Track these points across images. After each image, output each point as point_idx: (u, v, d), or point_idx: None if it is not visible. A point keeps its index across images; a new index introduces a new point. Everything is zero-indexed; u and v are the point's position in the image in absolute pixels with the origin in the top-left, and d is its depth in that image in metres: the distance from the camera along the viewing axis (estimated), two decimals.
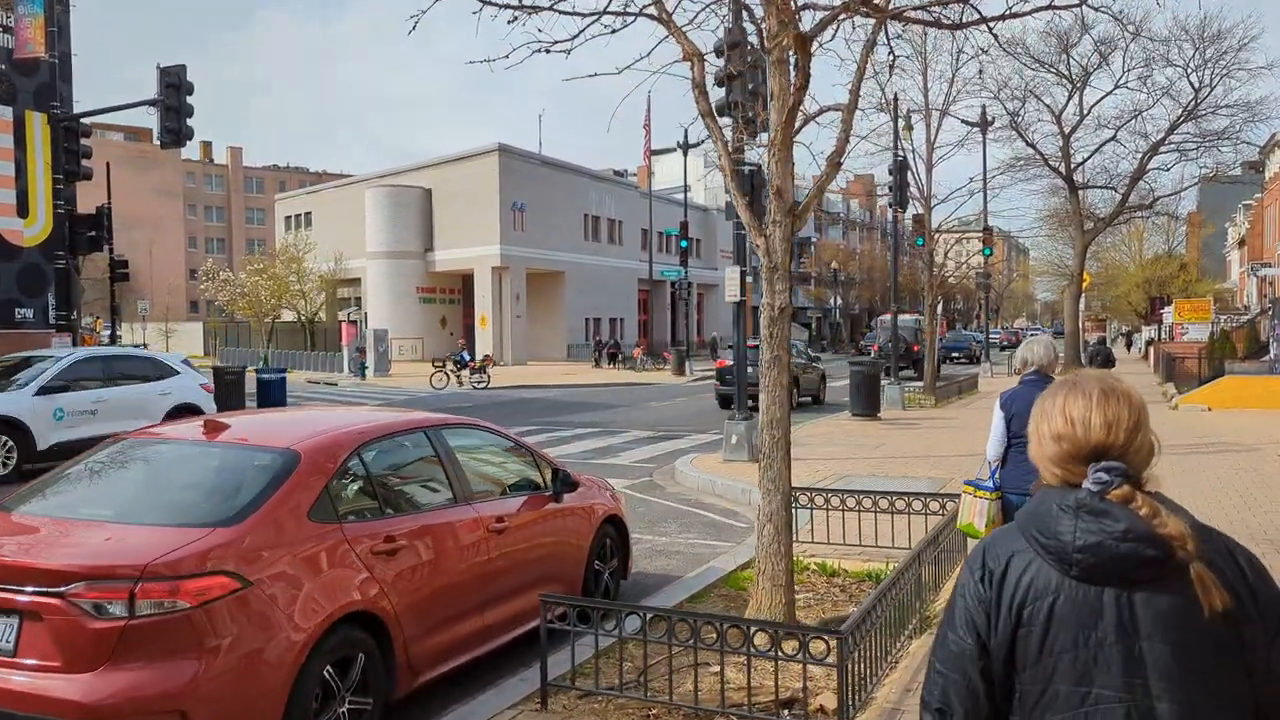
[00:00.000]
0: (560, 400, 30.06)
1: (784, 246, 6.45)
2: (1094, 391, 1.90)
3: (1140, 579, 1.75)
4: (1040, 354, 6.24)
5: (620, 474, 14.56)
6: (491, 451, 6.65)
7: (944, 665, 1.90)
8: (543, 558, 6.35)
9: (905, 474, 13.36)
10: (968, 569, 1.93)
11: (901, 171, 24.05)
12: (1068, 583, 1.78)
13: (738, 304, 14.67)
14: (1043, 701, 1.80)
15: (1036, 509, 1.87)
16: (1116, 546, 1.74)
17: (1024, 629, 1.81)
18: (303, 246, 62.26)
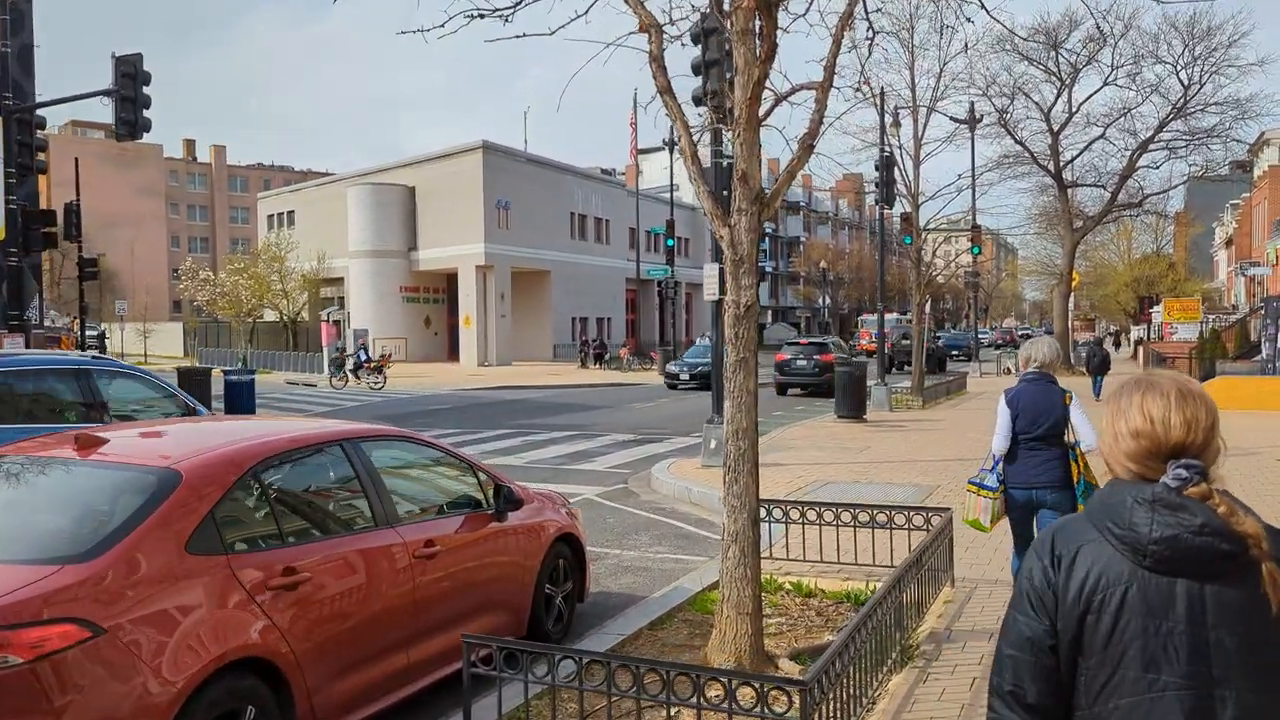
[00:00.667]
0: (542, 402, 29.41)
1: (750, 238, 5.82)
2: (1172, 392, 1.95)
3: (1213, 573, 1.81)
4: (1045, 353, 6.33)
5: (594, 480, 13.94)
6: (423, 467, 6.00)
7: (1014, 648, 1.95)
8: (482, 584, 5.71)
9: (890, 480, 12.75)
10: (1035, 555, 1.98)
11: (888, 168, 23.47)
12: (1140, 573, 1.84)
13: (717, 303, 14.03)
14: (1109, 687, 1.85)
15: (1109, 500, 1.92)
16: (1192, 540, 1.80)
17: (1092, 616, 1.86)
18: (284, 246, 61.51)
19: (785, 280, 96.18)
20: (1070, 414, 6.11)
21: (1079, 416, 6.10)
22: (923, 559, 6.31)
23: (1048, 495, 6.09)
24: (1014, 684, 1.94)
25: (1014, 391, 6.31)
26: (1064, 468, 6.08)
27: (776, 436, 18.66)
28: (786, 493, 11.72)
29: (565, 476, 14.37)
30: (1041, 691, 1.91)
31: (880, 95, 23.48)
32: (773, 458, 15.15)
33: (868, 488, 12.13)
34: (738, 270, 5.83)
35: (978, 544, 8.88)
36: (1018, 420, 6.17)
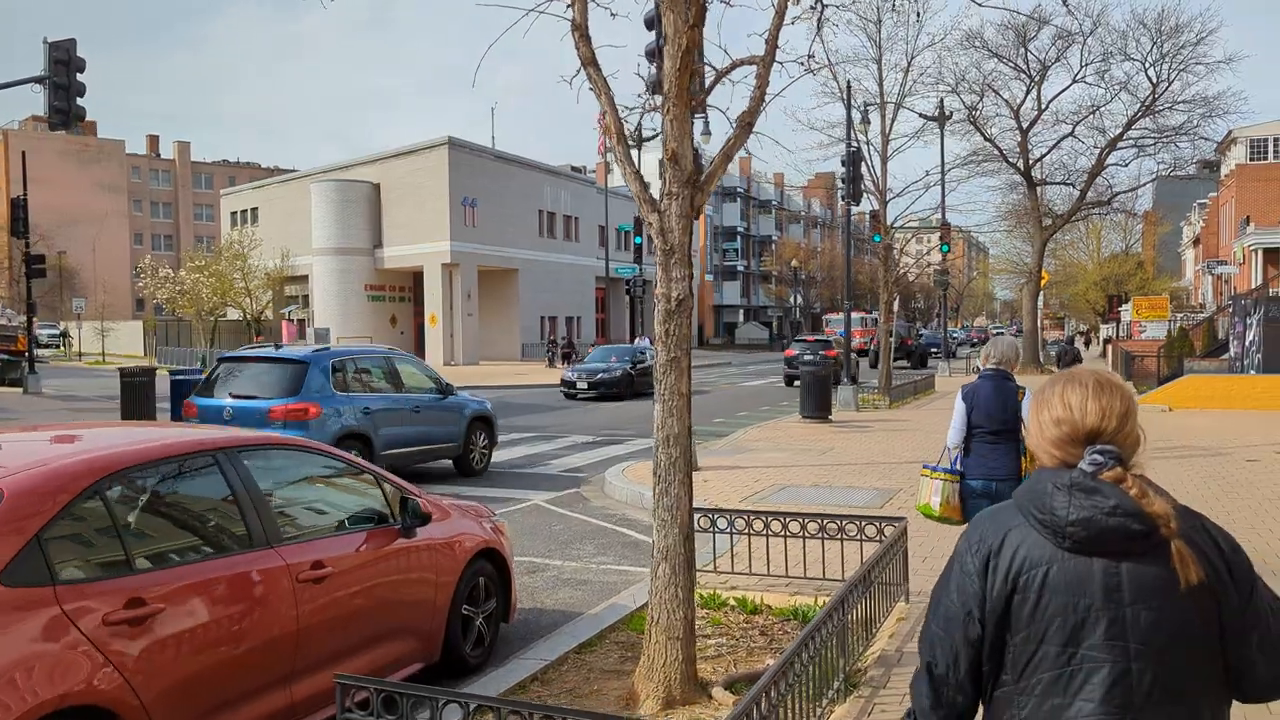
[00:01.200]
0: (504, 402, 28.78)
1: (682, 225, 5.31)
2: (1090, 383, 2.09)
3: (1127, 552, 1.93)
4: (1004, 351, 6.55)
5: (546, 485, 13.39)
6: (318, 479, 5.43)
7: (937, 624, 2.09)
8: (385, 608, 5.16)
9: (851, 484, 12.28)
10: (965, 540, 2.09)
11: (855, 164, 23.05)
12: (1060, 554, 1.96)
13: None
14: (1033, 661, 1.96)
15: (1033, 487, 2.03)
16: (1105, 520, 1.91)
17: (1018, 595, 1.97)
18: (248, 243, 60.48)
19: (757, 279, 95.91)
20: (1024, 410, 6.23)
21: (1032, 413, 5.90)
22: (870, 575, 5.82)
23: (1004, 487, 6.20)
24: (930, 656, 2.08)
25: (971, 386, 6.48)
26: (1016, 461, 6.27)
27: (739, 438, 18.19)
28: (742, 498, 11.23)
29: (517, 481, 13.81)
30: (949, 666, 2.05)
31: (847, 89, 23.06)
32: (733, 460, 14.68)
33: (827, 491, 11.66)
34: (668, 261, 5.31)
35: (937, 552, 8.42)
36: (974, 414, 6.35)
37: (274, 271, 60.52)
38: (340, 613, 4.78)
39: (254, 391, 11.99)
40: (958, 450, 6.42)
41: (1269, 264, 45.97)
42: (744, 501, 11.00)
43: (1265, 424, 18.48)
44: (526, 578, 8.38)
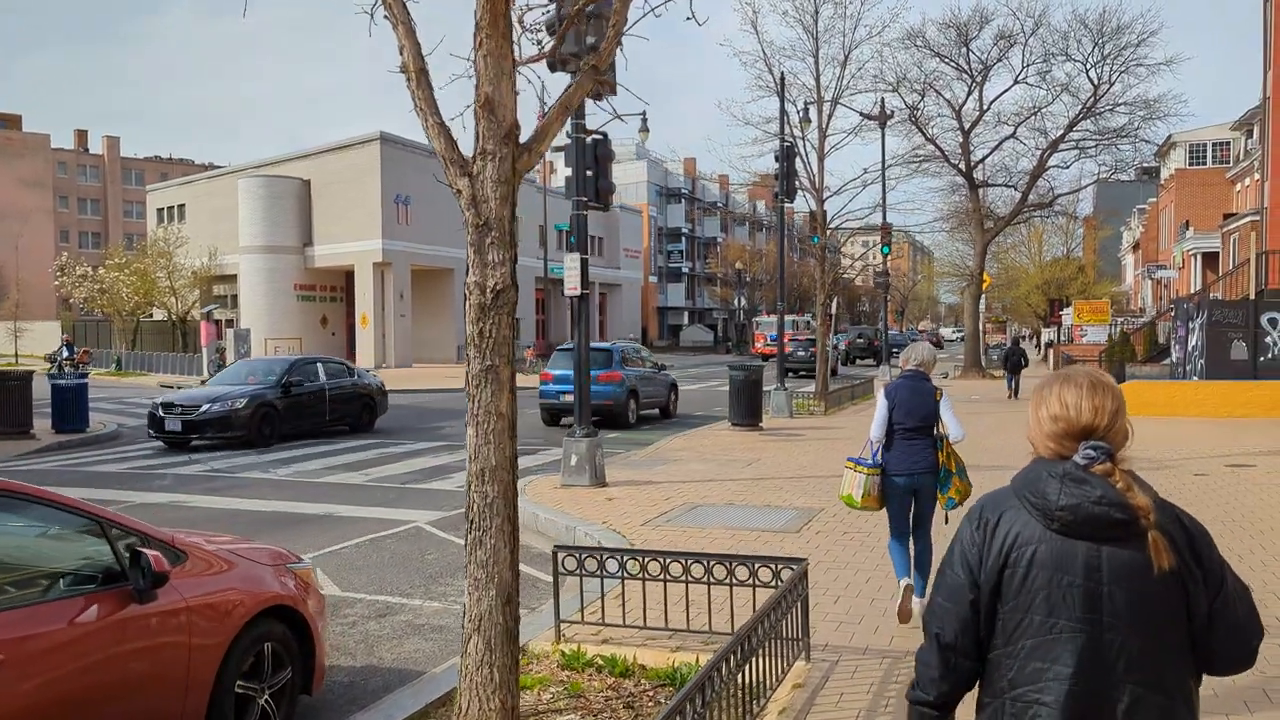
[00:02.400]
0: (425, 408, 27.42)
1: (501, 193, 4.10)
2: (1084, 383, 2.30)
3: (1108, 537, 2.14)
4: (922, 355, 7.03)
5: (437, 502, 12.10)
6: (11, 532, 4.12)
7: (944, 598, 2.29)
8: (106, 697, 3.89)
9: (771, 502, 11.15)
10: (966, 520, 2.33)
11: (788, 159, 22.02)
12: (1049, 535, 2.17)
13: (578, 299, 12.32)
14: (1020, 628, 2.18)
15: (1028, 475, 2.26)
16: (1092, 509, 2.14)
17: (1009, 570, 2.20)
18: (173, 241, 58.22)
19: (702, 281, 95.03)
20: (940, 409, 6.70)
21: (947, 412, 6.72)
22: (755, 634, 4.65)
23: (923, 480, 6.68)
24: (939, 626, 2.28)
25: (893, 386, 6.86)
26: (932, 455, 6.69)
27: (663, 446, 17.05)
28: (645, 520, 10.05)
29: (406, 498, 12.51)
30: (957, 634, 2.25)
31: (780, 81, 22.02)
32: (649, 473, 13.52)
33: (743, 512, 10.52)
34: (483, 241, 4.11)
35: (853, 589, 7.30)
36: (895, 411, 6.68)
37: (201, 270, 58.34)
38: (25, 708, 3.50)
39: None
40: (879, 443, 6.75)
41: (1208, 268, 45.94)
42: (646, 524, 9.82)
43: (1210, 433, 17.73)
44: (373, 623, 7.13)
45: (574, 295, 12.20)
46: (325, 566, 8.64)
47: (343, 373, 21.31)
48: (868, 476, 6.74)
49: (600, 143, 12.17)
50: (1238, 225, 38.24)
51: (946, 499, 6.70)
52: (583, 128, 11.96)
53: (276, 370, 19.86)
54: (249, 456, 16.46)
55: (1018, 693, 2.18)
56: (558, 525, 10.03)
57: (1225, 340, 21.54)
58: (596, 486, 12.01)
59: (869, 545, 8.75)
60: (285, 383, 19.16)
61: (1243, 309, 22.13)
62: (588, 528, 9.60)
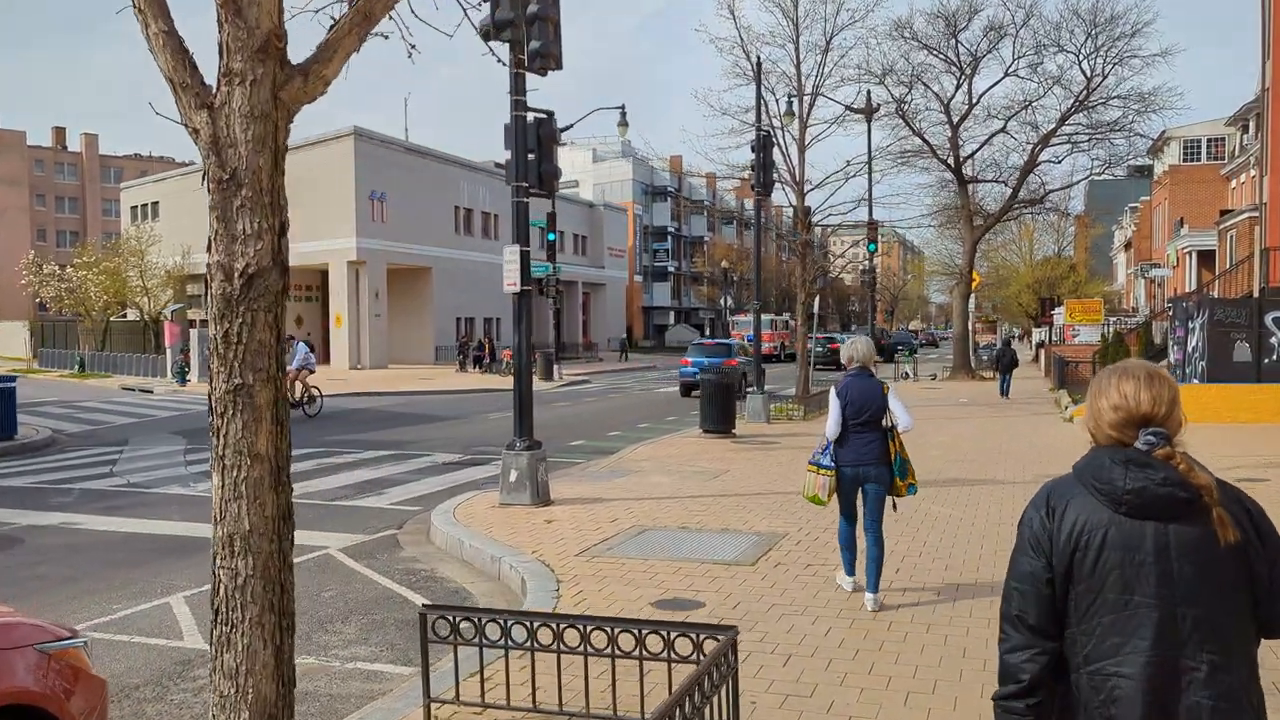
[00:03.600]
0: (386, 412, 26.12)
1: (255, 132, 2.84)
2: (1141, 374, 2.41)
3: (1174, 515, 2.26)
4: (863, 352, 7.15)
5: (361, 524, 10.84)
6: None
7: (1019, 581, 2.39)
8: None
9: (729, 524, 9.91)
10: (1034, 507, 2.42)
11: (765, 149, 20.79)
12: (1117, 518, 2.29)
13: (518, 296, 11.08)
14: (1094, 606, 2.30)
15: (1092, 463, 2.36)
16: (1157, 490, 2.25)
17: (1079, 553, 2.31)
18: (146, 239, 56.77)
19: (688, 281, 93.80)
20: (889, 402, 6.93)
21: (896, 404, 6.96)
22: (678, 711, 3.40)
23: (871, 470, 6.90)
24: (1019, 609, 2.36)
25: (843, 384, 7.04)
26: (884, 447, 6.93)
27: (626, 455, 15.84)
28: (584, 548, 8.81)
29: (328, 518, 11.24)
30: (1039, 614, 2.35)
31: (757, 66, 20.78)
32: (605, 487, 12.29)
33: (695, 537, 9.28)
34: (228, 203, 2.85)
35: (805, 648, 6.06)
36: (847, 408, 6.90)
37: (175, 269, 56.92)
38: None
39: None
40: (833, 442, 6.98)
41: (1204, 267, 44.85)
42: (583, 554, 8.57)
43: (1215, 441, 16.55)
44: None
45: (513, 291, 10.94)
46: (199, 608, 7.38)
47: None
48: (830, 479, 6.98)
49: (544, 122, 10.92)
50: (1235, 222, 37.13)
51: (908, 485, 7.01)
52: (523, 105, 10.71)
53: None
54: (175, 469, 15.17)
55: (1096, 666, 2.30)
56: (483, 555, 8.77)
57: (1228, 341, 20.37)
58: (539, 505, 10.76)
59: (834, 583, 7.52)
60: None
61: (1246, 308, 20.96)
62: (515, 559, 8.35)
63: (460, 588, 8.17)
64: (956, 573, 7.92)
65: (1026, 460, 14.99)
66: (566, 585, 7.47)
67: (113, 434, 20.36)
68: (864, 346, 7.17)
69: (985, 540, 9.09)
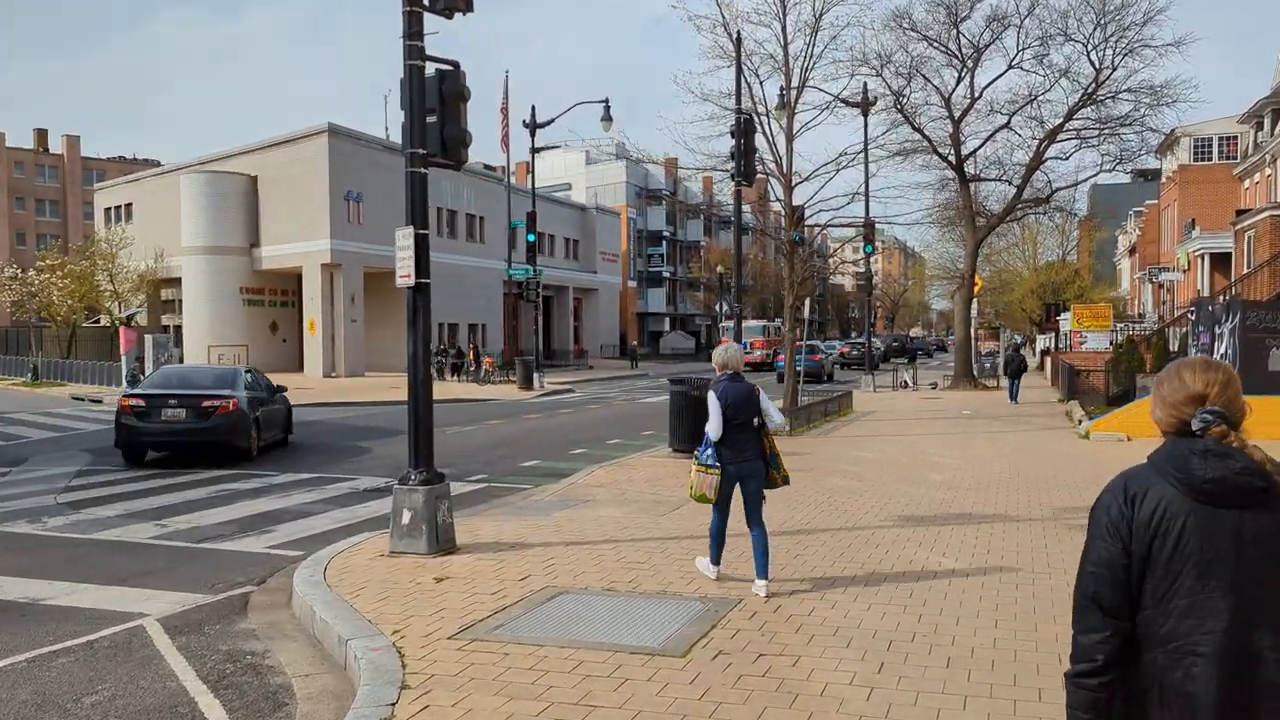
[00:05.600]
0: (336, 425, 23.98)
1: None
2: (1198, 363, 2.59)
3: (1250, 503, 2.38)
4: (731, 358, 7.67)
5: (214, 575, 8.67)
6: None
7: (1095, 566, 2.49)
8: None
9: (669, 583, 7.73)
10: (1111, 495, 2.52)
11: (746, 134, 18.64)
12: (1196, 505, 2.39)
13: (413, 292, 8.94)
14: (1173, 589, 2.39)
15: (1171, 453, 2.47)
16: (1236, 479, 2.37)
17: (1158, 540, 2.41)
18: (116, 241, 54.69)
19: (684, 286, 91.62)
20: (761, 402, 7.50)
21: (769, 404, 7.58)
22: None
23: (752, 466, 7.45)
24: (1095, 590, 2.46)
25: (721, 388, 7.43)
26: (760, 444, 7.51)
27: (579, 480, 13.71)
28: (467, 623, 6.64)
29: (182, 566, 9.07)
30: (1115, 596, 2.45)
31: (737, 40, 18.63)
32: (531, 526, 10.12)
33: (622, 604, 7.10)
34: None
35: None
36: (728, 410, 7.34)
37: (147, 273, 54.83)
38: None
39: None
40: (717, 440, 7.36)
41: (1216, 270, 42.72)
42: (460, 634, 6.39)
43: None
44: None
45: (407, 285, 8.79)
46: None
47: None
48: (716, 477, 7.34)
49: (448, 76, 8.77)
50: (1254, 221, 34.95)
51: (783, 476, 7.62)
52: (420, 52, 8.56)
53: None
54: (44, 498, 12.98)
55: (1173, 646, 2.40)
56: (332, 634, 6.60)
57: (1262, 348, 18.19)
58: (436, 554, 8.59)
59: (787, 693, 5.33)
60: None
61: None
62: (366, 643, 6.17)
63: (286, 684, 5.99)
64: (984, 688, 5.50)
65: (1042, 486, 12.81)
66: (412, 694, 5.30)
67: (17, 451, 18.19)
68: (735, 353, 7.69)
69: (1004, 616, 6.89)
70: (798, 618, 6.67)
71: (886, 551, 8.80)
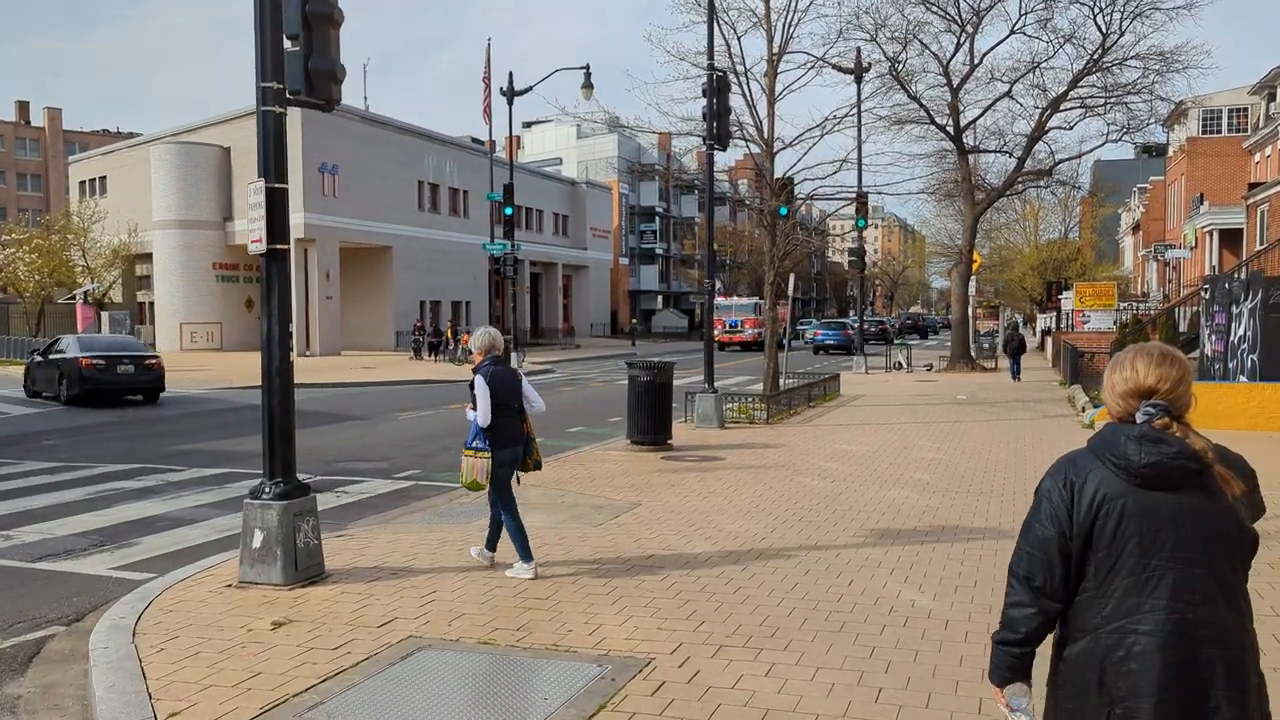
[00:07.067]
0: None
1: None
2: (1155, 353, 2.63)
3: (1185, 485, 2.47)
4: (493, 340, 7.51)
5: (33, 607, 7.03)
6: None
7: (1031, 546, 2.60)
8: None
9: (568, 633, 6.10)
10: (1052, 479, 2.62)
11: (720, 91, 16.89)
12: (1133, 489, 2.48)
13: (265, 260, 7.27)
14: (1115, 568, 2.49)
15: (1108, 438, 2.56)
16: (1171, 463, 2.45)
17: (1100, 522, 2.50)
18: (89, 215, 52.93)
19: (677, 264, 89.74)
20: (524, 387, 7.51)
21: (531, 390, 7.63)
22: None
23: (519, 450, 7.48)
24: (1028, 571, 2.58)
25: (489, 373, 7.23)
26: (521, 427, 7.50)
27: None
28: (279, 698, 5.00)
29: (4, 588, 7.45)
30: (1046, 578, 2.56)
31: None
32: (436, 540, 8.53)
33: (496, 668, 5.47)
34: None
35: None
36: (497, 395, 7.19)
37: (121, 247, 53.11)
38: None
39: None
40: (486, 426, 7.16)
41: (1225, 247, 40.98)
42: (268, 713, 4.76)
43: (1267, 454, 12.70)
44: None
45: (259, 251, 7.12)
46: None
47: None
48: (487, 461, 7.20)
49: None
50: (1268, 195, 33.18)
51: (534, 462, 7.74)
52: None
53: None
54: None
55: (1115, 625, 2.49)
56: (95, 714, 4.96)
57: None
58: (295, 585, 6.96)
59: None
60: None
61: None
62: None
63: None
64: None
65: None
66: None
67: None
68: (494, 336, 7.49)
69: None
70: (718, 693, 5.04)
71: (850, 582, 7.16)
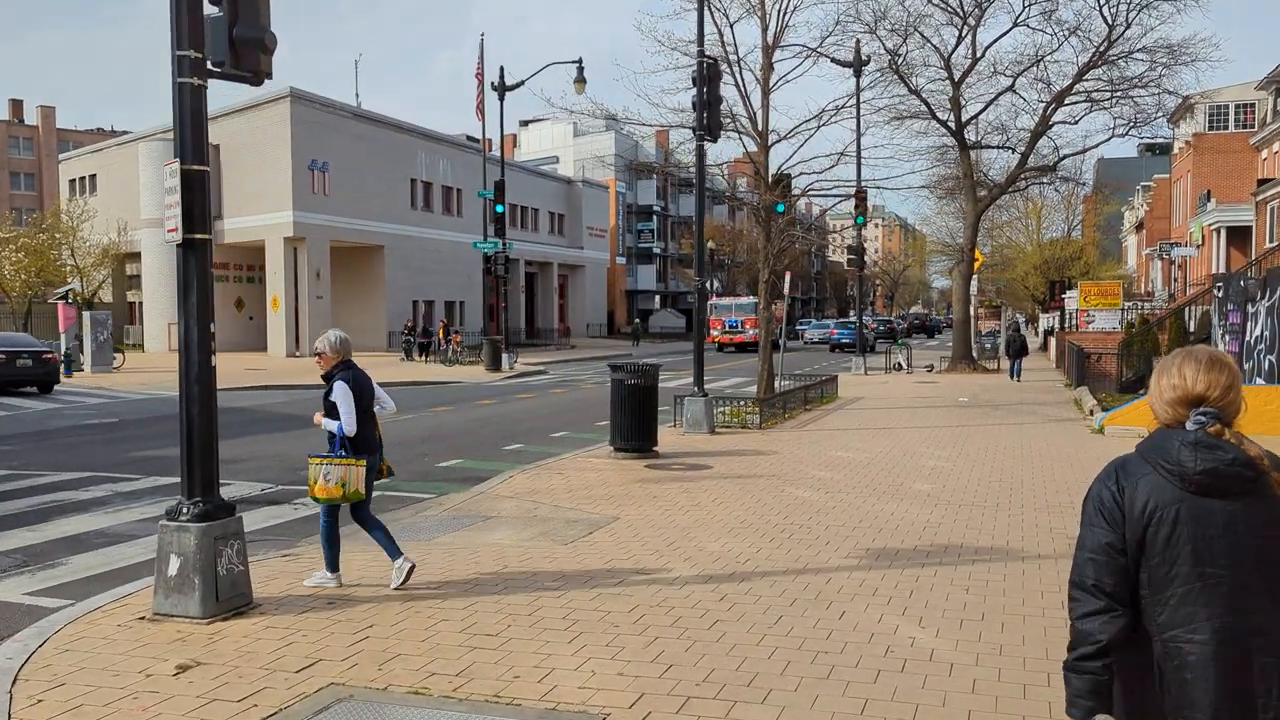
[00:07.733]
0: (258, 413, 21.52)
1: None
2: (1204, 358, 2.55)
3: (1239, 492, 2.39)
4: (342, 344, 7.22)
5: None
6: None
7: (1093, 552, 2.49)
8: None
9: (507, 687, 5.30)
10: (1103, 484, 2.54)
11: (710, 80, 16.09)
12: (1187, 496, 2.40)
13: (182, 251, 6.48)
14: (1169, 576, 2.41)
15: (1160, 444, 2.48)
16: (1226, 470, 2.38)
17: (1153, 529, 2.42)
18: (78, 214, 52.22)
19: (675, 263, 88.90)
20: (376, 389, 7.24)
21: (382, 392, 7.34)
22: None
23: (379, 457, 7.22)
24: (1096, 577, 2.46)
25: (351, 378, 7.00)
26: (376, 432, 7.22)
27: (492, 490, 11.34)
28: None
29: None
30: (1116, 582, 2.45)
31: None
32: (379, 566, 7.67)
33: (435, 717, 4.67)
34: None
35: None
36: (360, 401, 6.96)
37: (111, 246, 52.38)
38: None
39: None
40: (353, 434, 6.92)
41: (1233, 245, 40.16)
42: None
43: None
44: None
45: (174, 241, 6.33)
46: None
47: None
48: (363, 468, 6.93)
49: None
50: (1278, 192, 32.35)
51: (388, 467, 7.36)
52: None
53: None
54: None
55: (1171, 634, 2.41)
56: None
57: None
58: (215, 618, 6.17)
59: None
60: None
61: None
62: None
63: None
64: None
65: (1053, 503, 10.39)
66: None
67: None
68: (341, 341, 7.24)
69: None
70: None
71: (842, 614, 6.37)
